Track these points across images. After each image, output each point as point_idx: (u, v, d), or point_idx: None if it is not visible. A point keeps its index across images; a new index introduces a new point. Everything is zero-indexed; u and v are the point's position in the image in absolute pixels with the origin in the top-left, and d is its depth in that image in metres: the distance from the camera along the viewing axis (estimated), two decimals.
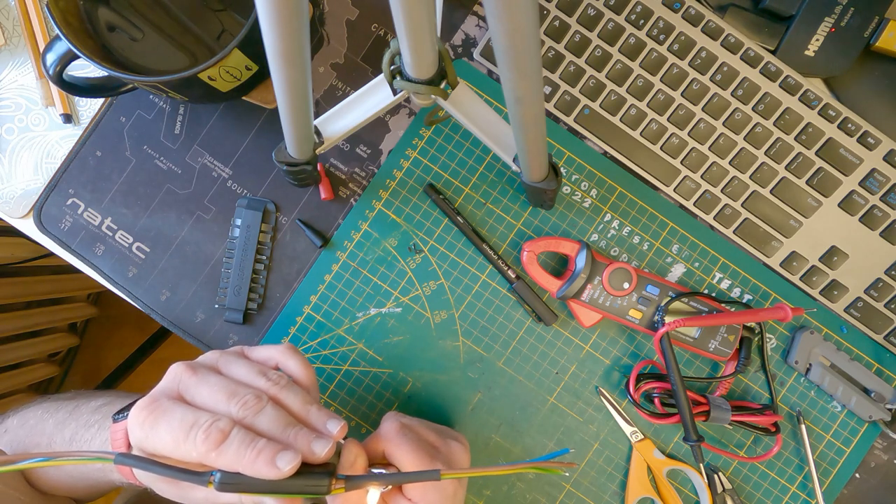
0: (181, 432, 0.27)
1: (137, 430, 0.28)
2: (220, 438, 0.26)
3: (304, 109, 0.30)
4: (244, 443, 0.26)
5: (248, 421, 0.28)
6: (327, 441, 0.28)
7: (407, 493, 0.32)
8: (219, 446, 0.26)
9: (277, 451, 0.26)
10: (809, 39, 0.43)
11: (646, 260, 0.45)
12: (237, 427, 0.27)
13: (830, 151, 0.43)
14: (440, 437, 0.36)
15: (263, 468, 0.26)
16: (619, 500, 0.45)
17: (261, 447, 0.26)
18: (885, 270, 0.44)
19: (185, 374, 0.30)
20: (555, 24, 0.43)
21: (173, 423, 0.27)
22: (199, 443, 0.26)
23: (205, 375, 0.30)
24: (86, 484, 0.41)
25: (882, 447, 0.46)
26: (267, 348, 0.34)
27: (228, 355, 0.33)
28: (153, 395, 0.30)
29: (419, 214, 0.45)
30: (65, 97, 0.44)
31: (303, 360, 0.33)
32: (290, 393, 0.30)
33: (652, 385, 0.44)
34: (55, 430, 0.39)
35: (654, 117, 0.44)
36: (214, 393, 0.29)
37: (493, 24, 0.21)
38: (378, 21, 0.44)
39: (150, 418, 0.28)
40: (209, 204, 0.45)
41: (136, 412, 0.29)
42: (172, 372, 0.31)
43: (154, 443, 0.28)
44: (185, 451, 0.27)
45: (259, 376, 0.31)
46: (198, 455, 0.26)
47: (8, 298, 0.86)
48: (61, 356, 1.12)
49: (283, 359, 0.33)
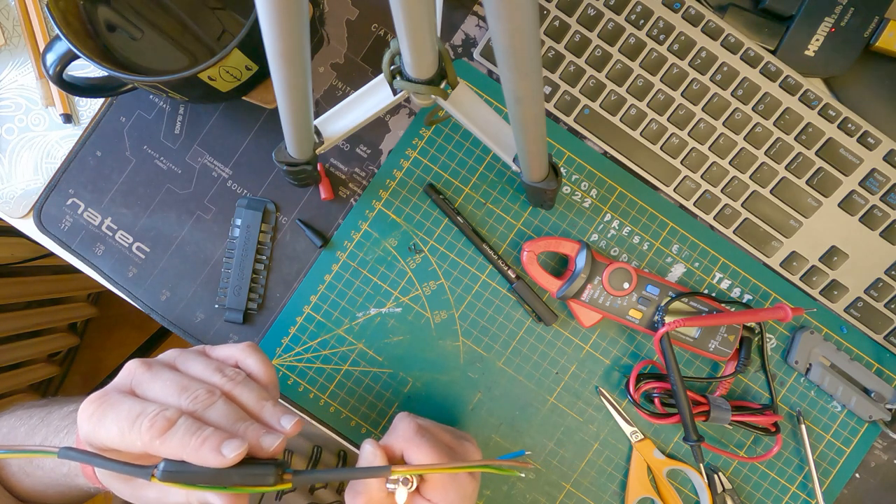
0: (127, 422, 0.26)
1: (85, 423, 0.28)
2: (165, 426, 0.26)
3: (304, 109, 0.30)
4: (189, 430, 0.26)
5: (198, 414, 0.27)
6: (277, 435, 0.27)
7: (426, 494, 0.32)
8: (163, 434, 0.26)
9: (223, 438, 0.26)
10: (809, 39, 0.43)
11: (646, 260, 0.45)
12: (184, 416, 0.26)
13: (830, 151, 0.43)
14: (454, 438, 0.36)
15: (208, 455, 0.25)
16: (619, 500, 0.45)
17: (207, 435, 0.26)
18: (885, 270, 0.44)
19: (139, 370, 0.30)
20: (555, 24, 0.43)
21: (120, 413, 0.27)
22: (144, 430, 0.26)
23: (159, 371, 0.30)
24: (56, 491, 0.40)
25: (882, 447, 0.46)
26: (228, 347, 0.33)
27: (188, 353, 0.32)
28: (104, 390, 0.29)
29: (419, 214, 0.45)
30: (65, 97, 0.44)
31: (262, 358, 0.33)
32: (245, 389, 0.30)
33: (652, 385, 0.44)
34: (26, 437, 0.39)
35: (654, 117, 0.44)
36: (166, 388, 0.29)
37: (493, 24, 0.21)
38: (378, 21, 0.44)
39: (99, 411, 0.27)
40: (209, 204, 0.45)
41: (85, 406, 0.28)
42: (127, 368, 0.30)
43: (101, 435, 0.27)
44: (130, 441, 0.26)
45: (215, 373, 0.30)
46: (142, 444, 0.26)
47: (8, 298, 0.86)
48: (61, 356, 1.12)
49: (242, 356, 0.32)
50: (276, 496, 0.47)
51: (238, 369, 0.31)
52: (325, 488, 0.50)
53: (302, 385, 0.45)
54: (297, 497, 0.48)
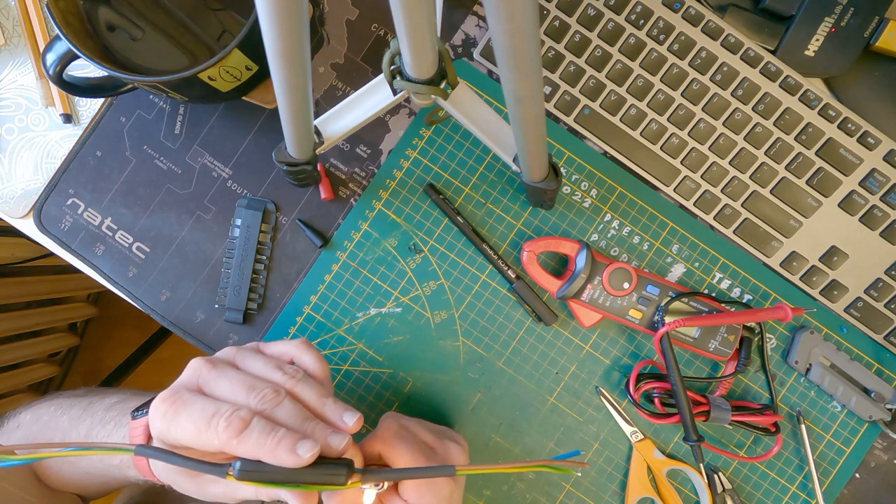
0: (203, 421, 0.27)
1: (159, 421, 0.29)
2: (241, 426, 0.27)
3: (304, 109, 0.30)
4: (265, 431, 0.27)
5: (267, 413, 0.28)
6: (344, 435, 0.28)
7: (403, 494, 0.32)
8: (240, 434, 0.27)
9: (297, 439, 0.27)
10: (809, 39, 0.43)
11: (646, 260, 0.45)
12: (257, 416, 0.28)
13: (830, 151, 0.43)
14: (437, 439, 0.36)
15: (284, 455, 0.26)
16: (619, 500, 0.45)
17: (281, 435, 0.27)
18: (885, 270, 0.44)
19: (204, 369, 0.31)
20: (555, 24, 0.43)
21: (195, 412, 0.28)
22: (221, 430, 0.27)
23: (223, 370, 0.31)
24: (100, 480, 0.40)
25: (882, 447, 0.46)
26: (282, 343, 0.34)
27: (245, 351, 0.33)
28: (174, 388, 0.30)
29: (419, 214, 0.45)
30: (65, 97, 0.44)
31: (317, 355, 0.34)
32: (306, 387, 0.31)
33: (652, 385, 0.44)
34: (69, 427, 0.40)
35: (654, 117, 0.44)
36: (233, 386, 0.30)
37: (493, 24, 0.21)
38: (378, 21, 0.44)
39: (172, 409, 0.28)
40: (209, 204, 0.45)
41: (157, 404, 0.29)
42: (192, 367, 0.31)
43: (175, 433, 0.28)
44: (207, 439, 0.27)
45: (275, 370, 0.31)
46: (219, 443, 0.27)
47: (8, 298, 0.86)
48: (61, 356, 1.12)
49: (298, 353, 0.34)
50: None
51: (295, 366, 0.33)
52: None
53: None
54: None
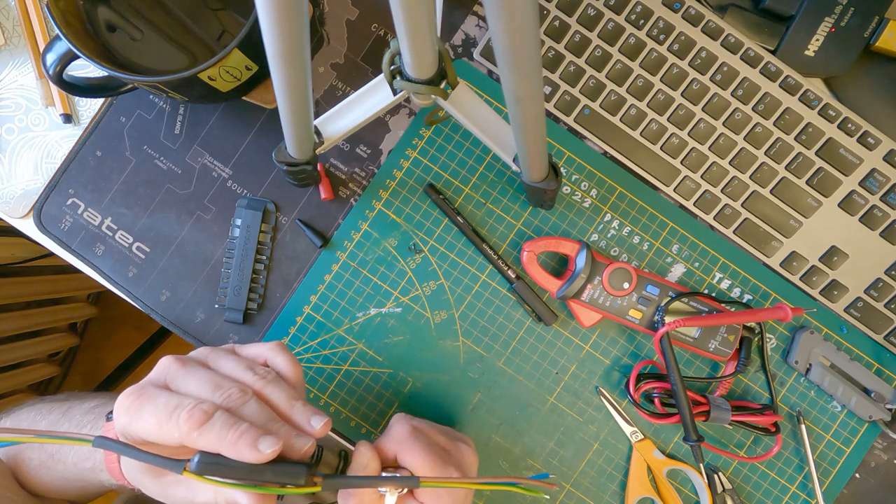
0: (164, 414, 0.27)
1: (123, 416, 0.28)
2: (202, 419, 0.26)
3: (304, 109, 0.30)
4: (227, 424, 0.26)
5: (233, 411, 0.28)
6: (308, 439, 0.28)
7: (419, 497, 0.32)
8: (201, 426, 0.26)
9: (259, 434, 0.26)
10: (809, 39, 0.43)
11: (646, 260, 0.45)
12: (220, 410, 0.27)
13: (830, 151, 0.43)
14: (450, 440, 0.36)
15: (245, 450, 0.26)
16: (619, 500, 0.45)
17: (244, 429, 0.26)
18: (885, 270, 0.44)
19: (173, 366, 0.31)
20: (555, 24, 0.43)
21: (158, 406, 0.27)
22: (182, 422, 0.26)
23: (193, 368, 0.30)
24: (78, 485, 0.40)
25: (882, 447, 0.46)
26: (257, 346, 0.34)
27: (219, 351, 0.33)
28: (140, 384, 0.30)
29: (419, 214, 0.45)
30: (65, 97, 0.44)
31: (291, 358, 0.33)
32: (276, 388, 0.30)
33: (652, 385, 0.44)
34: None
35: (654, 117, 0.44)
36: (200, 384, 0.29)
37: (493, 24, 0.21)
38: (378, 21, 0.44)
39: (136, 404, 0.28)
40: (209, 204, 0.45)
41: (122, 399, 0.29)
42: (161, 364, 0.31)
43: (138, 427, 0.28)
44: (168, 432, 0.27)
45: (246, 370, 0.31)
46: (179, 435, 0.26)
47: (8, 298, 0.86)
48: (61, 356, 1.12)
49: (271, 355, 0.33)
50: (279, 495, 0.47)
51: (268, 368, 0.32)
52: None
53: None
54: (297, 497, 0.48)
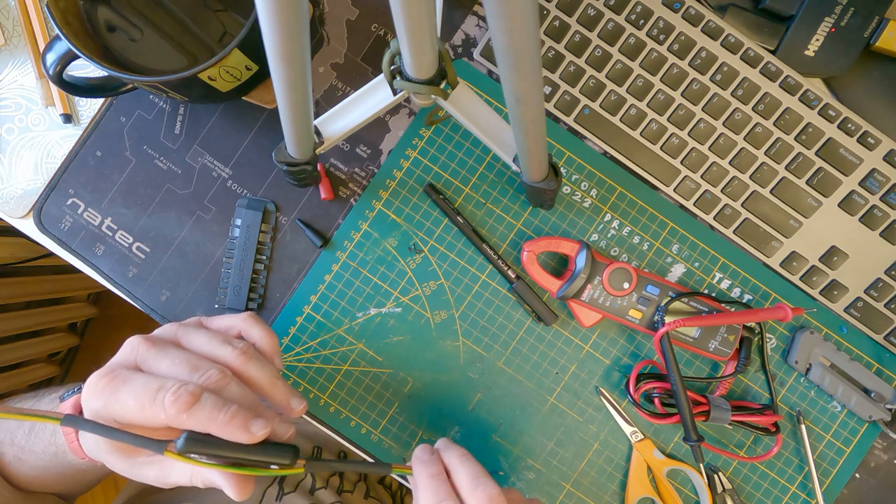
0: (146, 396, 0.26)
1: (94, 399, 0.27)
2: (190, 400, 0.25)
3: (304, 109, 0.30)
4: (216, 406, 0.26)
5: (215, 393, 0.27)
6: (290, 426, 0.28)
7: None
8: (190, 408, 0.25)
9: (250, 416, 0.26)
10: (809, 39, 0.43)
11: (646, 260, 0.45)
12: (206, 392, 0.26)
13: (830, 151, 0.43)
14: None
15: (237, 431, 0.25)
16: (619, 500, 0.45)
17: (234, 411, 0.26)
18: (885, 270, 0.44)
19: (142, 347, 0.29)
20: (555, 24, 0.43)
21: (136, 388, 0.26)
22: (168, 405, 0.25)
23: (164, 347, 0.29)
24: (54, 472, 0.39)
25: (882, 447, 0.46)
26: (228, 317, 0.33)
27: (188, 326, 0.32)
28: (110, 366, 0.28)
29: (419, 214, 0.45)
30: (65, 97, 0.44)
31: (266, 328, 0.32)
32: (257, 365, 0.29)
33: (652, 385, 0.44)
34: (16, 426, 0.39)
35: (654, 117, 0.44)
36: (174, 364, 0.28)
37: (493, 24, 0.21)
38: (378, 21, 0.44)
39: (110, 386, 0.27)
40: (209, 204, 0.45)
41: (93, 381, 0.27)
42: (129, 344, 0.30)
43: (114, 409, 0.27)
44: (152, 414, 0.26)
45: (223, 345, 0.30)
46: (166, 417, 0.25)
47: (8, 298, 0.86)
48: (61, 356, 1.12)
49: (245, 327, 0.32)
50: (277, 496, 0.47)
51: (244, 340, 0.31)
52: (325, 489, 0.50)
53: (302, 385, 0.45)
54: (297, 497, 0.48)
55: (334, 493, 0.50)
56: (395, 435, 0.45)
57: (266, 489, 0.47)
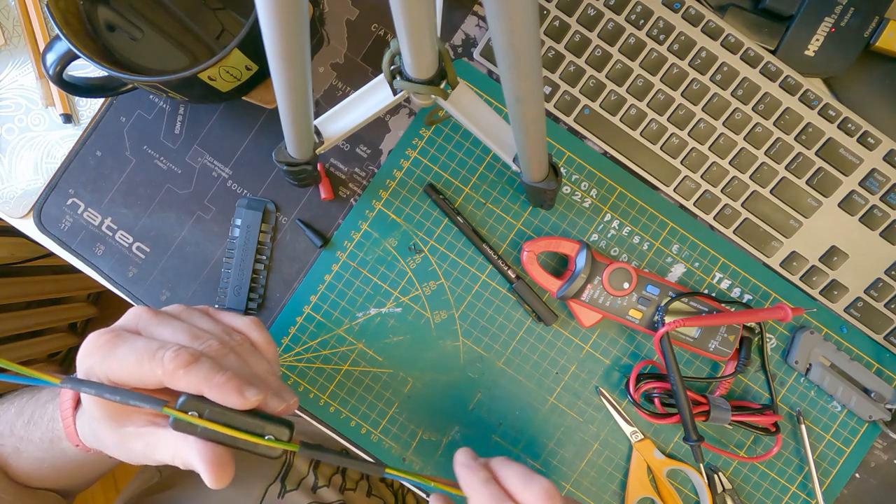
0: (146, 353, 0.26)
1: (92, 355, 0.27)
2: (189, 360, 0.25)
3: (304, 109, 0.30)
4: (213, 368, 0.26)
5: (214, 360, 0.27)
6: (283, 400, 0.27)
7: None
8: (188, 366, 0.25)
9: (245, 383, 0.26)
10: (809, 39, 0.43)
11: (646, 260, 0.45)
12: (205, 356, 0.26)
13: (830, 151, 0.43)
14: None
15: (231, 394, 0.25)
16: (619, 500, 0.45)
17: (230, 375, 0.26)
18: (885, 270, 0.44)
19: (145, 314, 0.29)
20: (555, 24, 0.43)
21: (136, 346, 0.26)
22: (167, 360, 0.25)
23: (167, 318, 0.29)
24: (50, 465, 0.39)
25: (882, 447, 0.46)
26: (234, 316, 0.33)
27: (193, 310, 0.32)
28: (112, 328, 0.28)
29: (419, 214, 0.45)
30: (65, 97, 0.44)
31: (268, 336, 0.32)
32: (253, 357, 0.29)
33: (652, 385, 0.44)
34: (15, 416, 0.39)
35: (654, 117, 0.44)
36: (177, 333, 0.28)
37: (493, 24, 0.21)
38: (378, 21, 0.44)
39: (110, 343, 0.27)
40: (209, 204, 0.45)
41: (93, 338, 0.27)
42: (133, 312, 0.30)
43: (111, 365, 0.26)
44: (149, 370, 0.26)
45: (223, 334, 0.30)
46: (163, 373, 0.25)
47: (8, 298, 0.86)
48: (61, 356, 1.12)
49: (248, 329, 0.32)
50: (280, 493, 0.47)
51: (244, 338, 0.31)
52: (328, 486, 0.50)
53: (302, 385, 0.45)
54: (299, 496, 0.48)
55: (337, 492, 0.50)
56: (395, 435, 0.45)
57: (268, 487, 0.47)
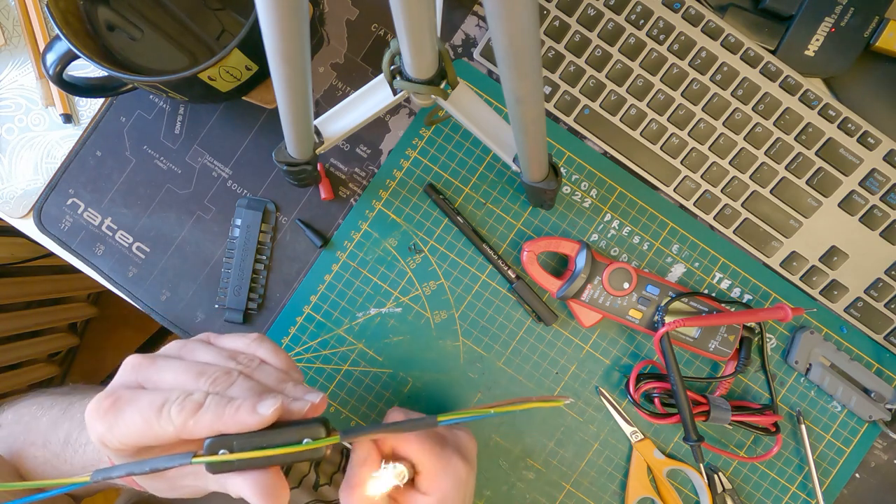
0: (152, 412, 0.25)
1: (99, 423, 0.26)
2: (195, 407, 0.24)
3: (304, 109, 0.30)
4: (220, 403, 0.25)
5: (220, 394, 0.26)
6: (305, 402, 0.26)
7: (420, 487, 0.32)
8: (196, 414, 0.24)
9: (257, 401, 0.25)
10: (809, 39, 0.43)
11: (646, 260, 0.45)
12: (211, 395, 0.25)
13: (830, 151, 0.43)
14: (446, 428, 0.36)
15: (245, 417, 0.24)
16: (619, 500, 0.45)
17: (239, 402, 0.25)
18: (885, 270, 0.44)
19: (143, 364, 0.28)
20: (555, 24, 0.43)
21: (141, 405, 0.25)
22: (175, 416, 0.24)
23: (166, 361, 0.28)
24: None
25: (882, 447, 0.46)
26: (235, 337, 0.31)
27: (192, 343, 0.31)
28: (110, 389, 0.27)
29: (419, 214, 0.45)
30: (65, 97, 0.44)
31: (274, 347, 0.31)
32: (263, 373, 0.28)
33: (652, 385, 0.44)
34: (49, 429, 0.39)
35: (654, 117, 0.44)
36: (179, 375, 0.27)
37: (493, 24, 0.21)
38: (378, 21, 0.44)
39: (113, 408, 0.26)
40: (209, 204, 0.45)
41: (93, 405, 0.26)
42: (129, 364, 0.29)
43: (120, 431, 0.26)
44: (161, 429, 0.25)
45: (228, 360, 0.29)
46: (174, 429, 0.25)
47: (8, 298, 0.86)
48: (61, 356, 1.12)
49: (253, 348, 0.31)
50: None
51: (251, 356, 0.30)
52: (329, 485, 0.50)
53: None
54: (300, 494, 0.48)
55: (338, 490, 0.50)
56: None
57: None
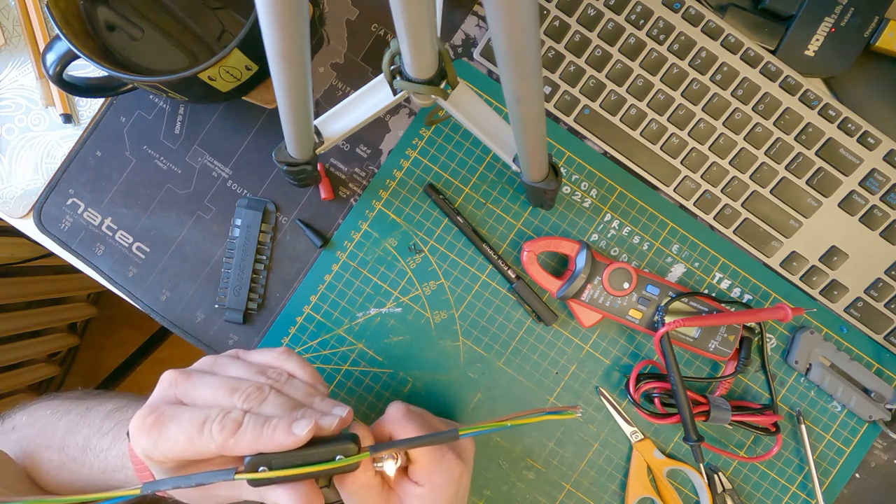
0: (194, 429, 0.27)
1: (144, 438, 0.28)
2: (234, 427, 0.27)
3: (304, 109, 0.30)
4: (258, 423, 0.27)
5: (255, 411, 0.28)
6: (334, 417, 0.28)
7: (413, 476, 0.32)
8: (236, 433, 0.27)
9: (291, 422, 0.27)
10: (809, 39, 0.43)
11: (646, 260, 0.45)
12: (248, 414, 0.28)
13: (830, 151, 0.43)
14: (444, 422, 0.36)
15: (282, 438, 0.26)
16: (619, 500, 0.45)
17: (275, 423, 0.27)
18: (885, 270, 0.44)
19: (179, 380, 0.30)
20: (555, 24, 0.43)
21: (183, 422, 0.28)
22: (216, 433, 0.27)
23: (201, 377, 0.30)
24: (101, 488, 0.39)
25: (882, 447, 0.46)
26: (263, 352, 0.34)
27: (223, 358, 0.33)
28: (152, 404, 0.29)
29: (419, 214, 0.45)
30: (65, 97, 0.44)
31: (301, 361, 0.33)
32: (292, 387, 0.30)
33: (652, 385, 0.44)
34: (67, 433, 0.39)
35: (654, 117, 0.44)
36: (215, 391, 0.29)
37: (493, 24, 0.21)
38: (378, 21, 0.44)
39: (157, 424, 0.28)
40: (209, 204, 0.45)
41: (137, 422, 0.29)
42: (165, 379, 0.31)
43: (165, 447, 0.28)
44: (203, 445, 0.27)
45: (258, 375, 0.31)
46: (216, 446, 0.27)
47: (8, 298, 0.86)
48: (61, 356, 1.12)
49: (280, 362, 0.33)
50: None
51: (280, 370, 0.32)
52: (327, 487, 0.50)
53: None
54: None
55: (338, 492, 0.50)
56: None
57: None
